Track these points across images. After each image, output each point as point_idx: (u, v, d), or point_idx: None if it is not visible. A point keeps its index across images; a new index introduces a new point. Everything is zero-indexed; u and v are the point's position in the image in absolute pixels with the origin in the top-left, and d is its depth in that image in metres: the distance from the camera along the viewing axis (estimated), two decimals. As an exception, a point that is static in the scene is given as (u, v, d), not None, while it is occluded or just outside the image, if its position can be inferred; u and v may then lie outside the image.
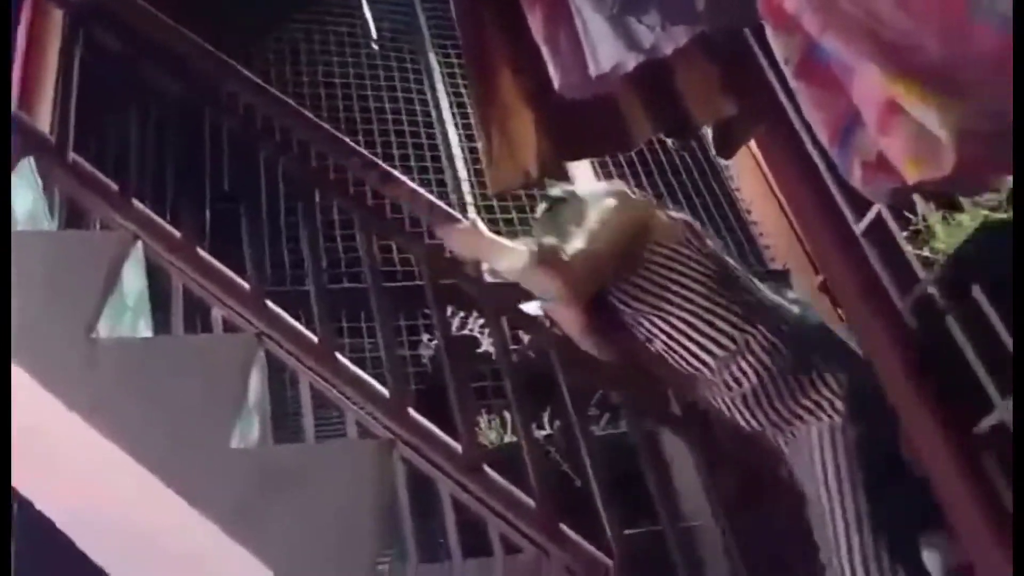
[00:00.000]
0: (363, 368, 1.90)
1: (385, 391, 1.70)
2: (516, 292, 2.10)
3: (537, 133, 2.10)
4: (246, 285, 1.73)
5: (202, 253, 1.79)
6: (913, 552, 1.71)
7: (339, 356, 1.73)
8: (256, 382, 1.53)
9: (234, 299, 1.71)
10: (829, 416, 1.80)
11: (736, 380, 1.85)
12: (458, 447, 1.68)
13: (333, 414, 2.24)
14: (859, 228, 2.56)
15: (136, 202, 1.84)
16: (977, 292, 2.15)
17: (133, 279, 1.71)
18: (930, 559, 1.71)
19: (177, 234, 1.78)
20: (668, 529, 1.77)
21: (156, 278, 2.02)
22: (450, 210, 2.22)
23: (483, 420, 2.92)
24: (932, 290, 2.30)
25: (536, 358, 2.74)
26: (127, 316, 1.63)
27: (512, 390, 1.85)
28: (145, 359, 1.17)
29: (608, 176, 4.28)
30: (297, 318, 1.92)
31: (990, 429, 2.05)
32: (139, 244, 1.75)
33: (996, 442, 1.99)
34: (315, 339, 1.71)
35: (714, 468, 1.90)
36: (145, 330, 1.75)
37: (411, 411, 1.71)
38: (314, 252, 1.92)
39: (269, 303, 1.74)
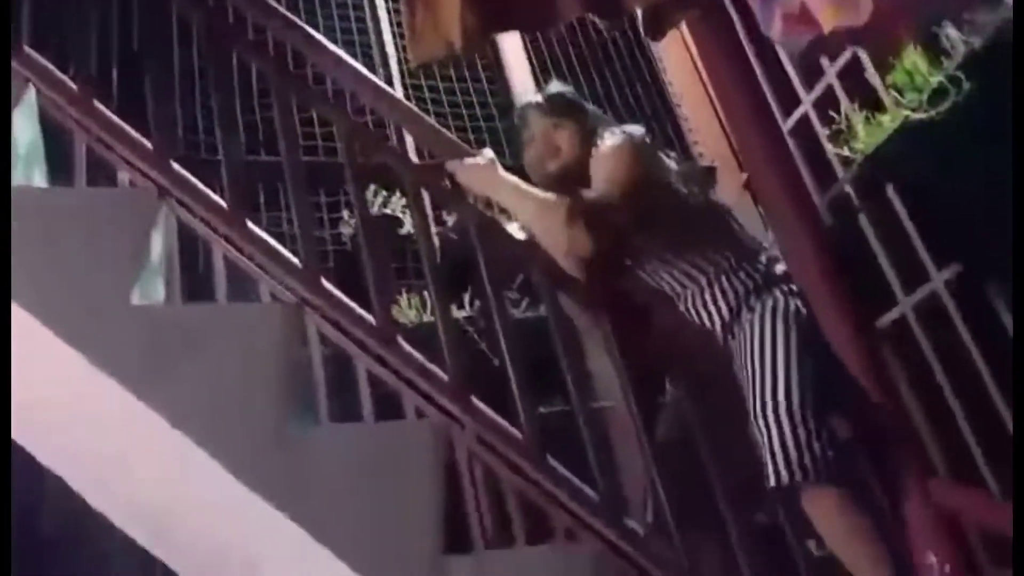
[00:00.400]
0: (282, 244, 1.84)
1: (298, 262, 1.66)
2: (439, 172, 2.05)
3: (462, 5, 2.03)
4: (149, 144, 1.64)
5: (101, 107, 1.68)
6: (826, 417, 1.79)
7: (250, 223, 1.67)
8: (159, 242, 1.47)
9: (137, 158, 1.62)
10: (783, 296, 1.86)
11: (714, 296, 1.95)
12: (372, 319, 1.67)
13: (251, 291, 2.20)
14: (786, 126, 2.58)
15: (27, 48, 1.70)
16: (891, 192, 2.21)
17: (25, 127, 1.60)
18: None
19: (74, 86, 1.66)
20: (579, 409, 1.81)
21: (58, 139, 1.90)
22: (379, 82, 2.13)
23: (403, 299, 2.91)
24: (849, 189, 2.35)
25: (458, 239, 2.72)
26: (19, 166, 1.53)
27: (429, 270, 1.83)
28: (38, 208, 1.10)
29: (542, 64, 4.19)
30: (212, 188, 1.84)
31: (891, 323, 2.14)
32: (31, 91, 1.63)
33: (895, 333, 2.09)
34: (224, 204, 1.65)
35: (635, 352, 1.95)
36: (40, 181, 1.65)
37: (324, 281, 1.68)
38: (225, 115, 1.81)
39: (175, 164, 1.65)
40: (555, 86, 2.28)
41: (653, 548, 1.65)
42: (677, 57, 4.16)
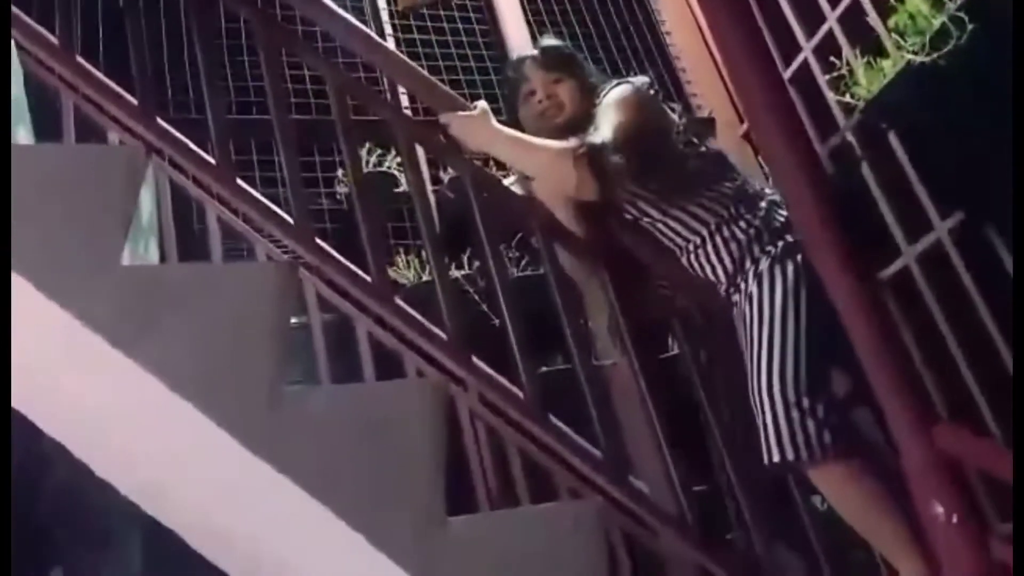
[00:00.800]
0: (278, 206, 1.81)
1: (289, 218, 1.63)
2: (434, 127, 2.01)
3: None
4: (134, 100, 1.60)
5: (84, 62, 1.63)
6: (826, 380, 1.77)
7: (240, 181, 1.64)
8: (148, 201, 1.43)
9: (123, 114, 1.58)
10: (786, 248, 1.86)
11: (716, 247, 1.94)
12: (367, 277, 1.65)
13: (248, 256, 2.18)
14: (786, 74, 2.53)
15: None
16: (892, 139, 2.17)
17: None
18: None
19: (55, 40, 1.62)
20: (580, 367, 1.80)
21: (45, 101, 1.86)
22: (373, 34, 2.07)
23: (401, 260, 2.89)
24: (850, 138, 2.31)
25: (455, 198, 2.69)
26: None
27: (424, 228, 1.80)
28: (20, 166, 1.07)
29: (537, 16, 4.10)
30: (204, 148, 1.80)
31: (894, 274, 2.11)
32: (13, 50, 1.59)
33: (898, 284, 2.06)
34: (212, 160, 1.61)
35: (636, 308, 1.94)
36: (26, 139, 1.61)
37: (317, 239, 1.65)
38: (209, 65, 1.76)
39: (161, 120, 1.62)
40: (549, 40, 2.25)
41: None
42: (676, 10, 4.08)
